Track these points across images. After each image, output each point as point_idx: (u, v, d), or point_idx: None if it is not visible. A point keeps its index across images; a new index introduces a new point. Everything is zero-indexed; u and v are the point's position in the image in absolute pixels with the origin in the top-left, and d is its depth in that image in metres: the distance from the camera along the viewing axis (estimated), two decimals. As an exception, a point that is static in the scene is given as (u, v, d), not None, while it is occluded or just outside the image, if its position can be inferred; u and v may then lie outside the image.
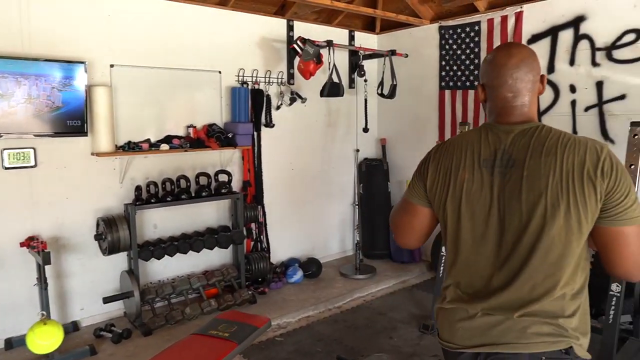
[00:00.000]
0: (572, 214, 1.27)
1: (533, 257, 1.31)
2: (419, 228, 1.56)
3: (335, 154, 5.15)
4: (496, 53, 1.47)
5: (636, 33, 3.62)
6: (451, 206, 1.43)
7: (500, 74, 1.42)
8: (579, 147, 1.29)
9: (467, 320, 1.39)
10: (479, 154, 1.41)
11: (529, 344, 1.30)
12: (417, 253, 5.12)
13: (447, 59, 4.77)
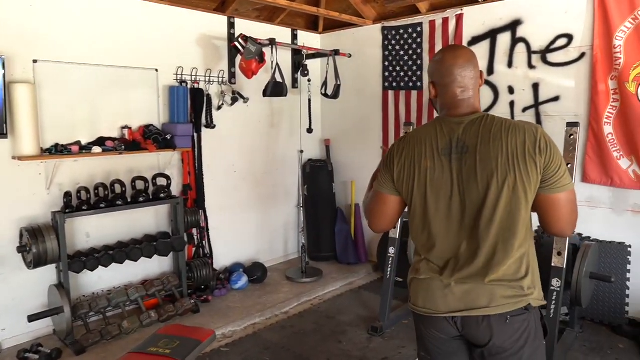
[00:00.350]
0: (519, 186, 1.51)
1: (492, 227, 1.55)
2: (390, 214, 1.73)
3: (279, 155, 5.03)
4: (444, 54, 1.69)
5: (567, 38, 3.76)
6: (418, 192, 1.63)
7: (450, 72, 1.63)
8: (519, 130, 1.54)
9: (443, 289, 1.61)
10: (437, 144, 1.61)
11: (498, 307, 1.55)
12: (363, 254, 5.09)
13: (390, 59, 4.77)
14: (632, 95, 3.49)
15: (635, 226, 3.60)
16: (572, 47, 3.74)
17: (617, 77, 3.54)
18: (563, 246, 3.03)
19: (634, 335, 3.45)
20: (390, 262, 3.72)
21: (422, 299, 1.66)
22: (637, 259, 3.58)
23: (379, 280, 4.71)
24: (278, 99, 4.72)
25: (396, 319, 3.78)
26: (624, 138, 3.58)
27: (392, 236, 3.74)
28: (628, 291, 3.59)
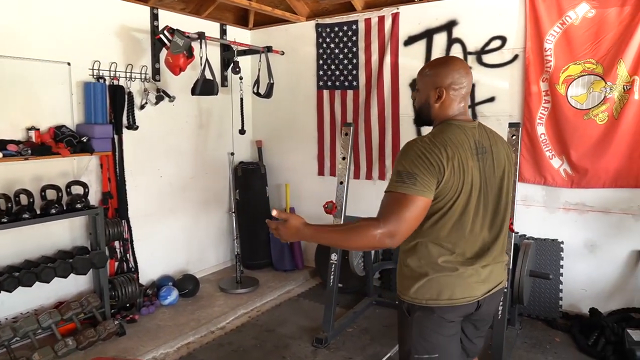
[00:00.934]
0: (511, 179, 1.88)
1: (505, 216, 1.85)
2: (422, 218, 1.69)
3: (208, 158, 4.68)
4: (452, 61, 1.86)
5: (501, 40, 3.80)
6: (464, 191, 1.71)
7: (462, 79, 1.81)
8: (501, 138, 1.93)
9: (478, 276, 1.77)
10: (469, 145, 1.76)
11: (503, 281, 1.90)
12: (299, 259, 4.89)
13: (324, 57, 4.60)
14: (562, 97, 3.59)
15: (567, 223, 3.71)
16: (506, 49, 3.78)
17: (548, 79, 3.63)
18: (509, 246, 3.02)
19: (568, 328, 3.55)
20: (333, 269, 3.54)
21: (460, 291, 1.75)
22: (568, 254, 3.70)
23: (318, 287, 4.53)
24: (207, 98, 4.39)
25: (340, 327, 3.61)
26: (555, 138, 3.67)
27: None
28: (561, 286, 3.69)
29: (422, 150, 1.67)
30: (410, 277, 1.79)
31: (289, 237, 1.78)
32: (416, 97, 1.92)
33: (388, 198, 1.66)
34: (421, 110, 1.90)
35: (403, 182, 1.63)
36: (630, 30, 3.34)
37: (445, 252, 1.75)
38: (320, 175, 4.81)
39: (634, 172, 3.44)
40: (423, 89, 1.86)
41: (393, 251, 4.34)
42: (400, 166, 1.66)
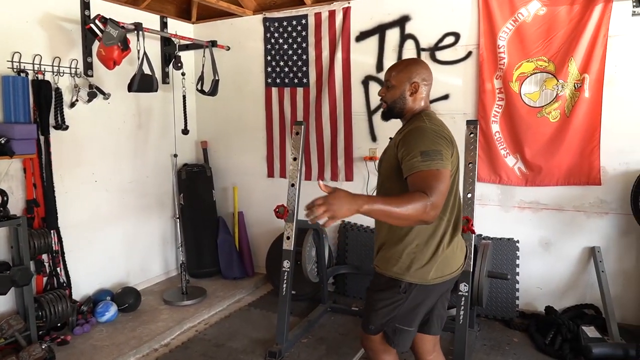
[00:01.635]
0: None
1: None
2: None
3: (149, 161, 4.32)
4: (420, 60, 2.17)
5: (455, 36, 3.71)
6: (456, 171, 1.99)
7: (430, 76, 2.09)
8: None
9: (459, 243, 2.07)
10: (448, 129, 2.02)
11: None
12: (249, 266, 4.62)
13: (272, 53, 4.36)
14: (516, 95, 3.54)
15: (522, 221, 3.67)
16: (460, 46, 3.70)
17: (501, 76, 3.57)
18: (469, 249, 2.91)
19: (525, 328, 3.51)
20: (285, 277, 3.30)
21: (456, 263, 2.05)
22: (524, 253, 3.66)
23: (269, 295, 4.28)
24: (146, 96, 4.05)
25: (295, 338, 3.39)
26: (510, 136, 3.62)
27: (286, 248, 3.34)
28: (518, 285, 3.65)
29: (435, 130, 1.89)
30: (419, 259, 1.96)
31: (343, 207, 1.57)
32: (386, 92, 2.08)
33: (421, 176, 1.75)
34: (395, 104, 2.06)
35: (432, 160, 1.77)
36: (580, 29, 3.33)
37: (446, 227, 1.98)
38: (270, 177, 4.57)
39: (585, 170, 3.44)
40: (397, 84, 2.04)
41: (347, 255, 4.17)
42: (424, 146, 1.80)
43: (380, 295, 2.05)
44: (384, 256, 2.04)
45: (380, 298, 2.06)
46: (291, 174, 3.38)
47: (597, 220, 3.47)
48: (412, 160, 1.78)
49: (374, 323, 2.09)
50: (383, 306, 2.04)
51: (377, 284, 2.10)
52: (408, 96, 2.02)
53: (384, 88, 2.10)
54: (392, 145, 2.00)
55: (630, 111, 3.31)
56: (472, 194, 2.95)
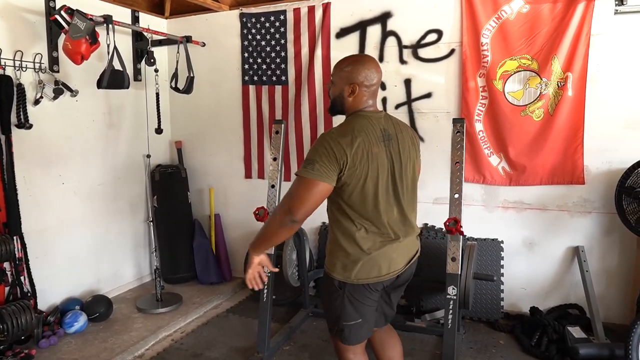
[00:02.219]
0: (415, 164, 2.11)
1: (410, 196, 2.08)
2: (320, 202, 1.89)
3: (120, 162, 4.09)
4: (366, 60, 2.03)
5: (437, 33, 3.62)
6: (371, 174, 1.91)
7: (373, 76, 1.99)
8: (406, 126, 2.15)
9: (399, 251, 2.03)
10: (375, 133, 1.94)
11: (418, 250, 2.17)
12: (226, 270, 4.44)
13: (250, 50, 4.20)
14: (500, 93, 3.48)
15: (506, 221, 3.61)
16: (442, 43, 3.61)
17: (485, 74, 3.50)
18: (457, 251, 2.82)
19: (510, 329, 3.44)
20: (267, 282, 3.16)
21: (387, 266, 2.00)
22: (508, 253, 3.60)
23: (248, 300, 4.11)
24: (117, 94, 3.83)
25: (277, 346, 3.24)
26: (493, 135, 3.56)
27: (266, 252, 3.18)
28: (502, 286, 3.59)
29: (329, 139, 1.88)
30: (342, 259, 1.99)
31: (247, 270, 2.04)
32: (331, 88, 2.07)
33: (295, 181, 1.88)
34: (335, 102, 2.06)
35: (305, 168, 1.86)
36: (563, 27, 3.28)
37: (364, 233, 1.96)
38: (248, 178, 4.40)
39: (569, 169, 3.40)
40: (339, 82, 2.01)
41: (329, 257, 4.04)
42: (308, 154, 1.89)
43: (324, 292, 2.15)
44: (326, 255, 2.12)
45: (324, 296, 2.16)
46: (271, 174, 3.23)
47: (580, 219, 3.43)
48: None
49: (328, 323, 2.16)
50: (328, 303, 2.12)
51: (323, 280, 2.18)
52: (347, 96, 1.99)
53: (330, 82, 2.09)
54: None
55: (612, 110, 3.28)
56: (459, 194, 2.85)
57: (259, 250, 2.00)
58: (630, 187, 3.05)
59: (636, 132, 3.24)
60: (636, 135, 3.25)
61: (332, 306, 2.06)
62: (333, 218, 2.01)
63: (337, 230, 1.99)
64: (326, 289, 2.10)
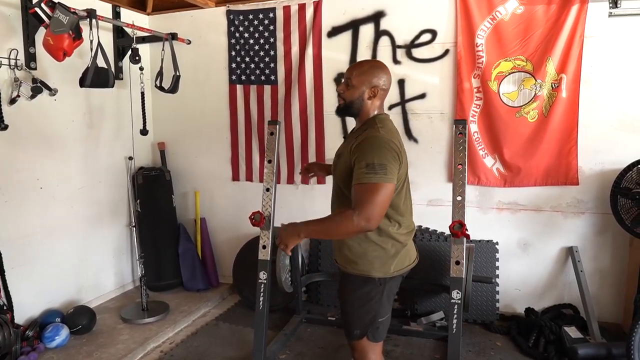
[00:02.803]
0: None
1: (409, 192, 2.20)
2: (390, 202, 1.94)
3: (101, 164, 3.86)
4: (384, 65, 2.12)
5: (432, 33, 3.56)
6: (404, 171, 2.03)
7: (390, 81, 2.11)
8: None
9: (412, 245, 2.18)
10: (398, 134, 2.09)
11: None
12: (214, 276, 4.27)
13: (237, 49, 4.04)
14: (495, 94, 3.44)
15: (500, 223, 3.58)
16: (437, 43, 3.55)
17: (480, 75, 3.46)
18: (461, 255, 2.76)
19: (506, 330, 3.41)
20: (262, 289, 3.01)
21: (411, 255, 2.16)
22: (503, 254, 3.58)
23: (237, 306, 3.96)
24: (98, 93, 3.63)
25: (272, 355, 3.10)
26: (488, 136, 3.52)
27: (262, 258, 3.04)
28: (498, 287, 3.56)
29: (386, 141, 1.91)
30: (380, 257, 2.03)
31: (289, 239, 1.96)
32: (345, 90, 2.06)
33: (359, 189, 1.85)
34: (352, 104, 2.06)
35: (375, 173, 1.83)
36: (557, 29, 3.27)
37: (399, 227, 2.05)
38: (235, 181, 4.24)
39: (563, 170, 3.40)
40: (358, 84, 2.02)
41: (320, 262, 3.93)
42: (370, 158, 1.85)
43: (355, 295, 2.08)
44: (350, 256, 2.07)
45: (355, 300, 2.09)
46: (266, 177, 3.10)
47: (574, 220, 3.44)
48: (359, 171, 1.86)
49: (358, 327, 2.10)
50: (361, 305, 2.07)
51: (349, 285, 2.11)
52: (366, 99, 2.03)
53: (343, 85, 2.09)
54: (347, 151, 2.00)
55: (606, 112, 3.29)
56: (462, 196, 2.80)
57: (307, 235, 1.99)
58: (625, 187, 3.06)
59: (629, 133, 3.27)
60: (629, 137, 3.27)
61: (368, 307, 2.06)
62: None
63: (379, 229, 1.99)
64: (359, 291, 2.06)
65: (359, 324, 2.08)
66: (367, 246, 2.02)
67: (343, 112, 2.12)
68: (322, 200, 3.99)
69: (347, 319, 2.12)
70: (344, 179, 1.99)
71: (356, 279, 2.06)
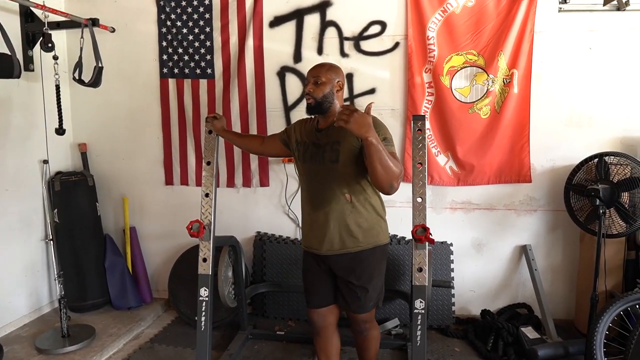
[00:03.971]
0: None
1: None
2: None
3: (8, 170, 3.28)
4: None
5: (381, 25, 3.34)
6: None
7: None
8: None
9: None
10: None
11: None
12: (146, 291, 3.79)
13: (169, 39, 3.61)
14: (447, 89, 3.28)
15: (454, 223, 3.43)
16: (386, 36, 3.34)
17: (431, 69, 3.28)
18: (424, 261, 2.53)
19: (463, 335, 3.26)
20: (204, 307, 2.63)
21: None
22: (457, 256, 3.43)
23: (174, 324, 3.53)
24: (2, 85, 3.07)
25: (218, 379, 2.75)
26: (441, 133, 3.36)
27: (202, 272, 2.66)
28: (453, 290, 3.40)
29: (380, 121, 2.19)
30: (383, 224, 2.32)
31: (361, 127, 1.84)
32: (315, 89, 2.20)
33: (395, 154, 2.09)
34: (325, 99, 2.20)
35: (392, 145, 2.15)
36: (508, 23, 3.16)
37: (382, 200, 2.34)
38: (169, 185, 3.79)
39: (516, 167, 3.30)
40: (328, 80, 2.21)
41: (265, 271, 3.59)
42: (387, 133, 2.17)
43: (373, 267, 2.26)
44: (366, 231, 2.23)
45: (374, 271, 2.27)
46: (205, 181, 2.73)
47: (527, 218, 3.35)
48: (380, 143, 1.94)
49: (374, 298, 2.30)
50: (376, 276, 2.28)
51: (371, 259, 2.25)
52: (335, 92, 2.22)
53: (311, 85, 2.22)
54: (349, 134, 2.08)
55: (555, 108, 3.24)
56: (423, 197, 2.56)
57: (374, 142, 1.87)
58: (579, 184, 2.99)
59: (577, 129, 3.22)
60: (577, 133, 3.23)
61: (381, 275, 2.34)
62: (362, 192, 2.21)
63: (371, 200, 2.24)
64: (378, 261, 2.28)
65: (375, 295, 2.31)
66: (375, 217, 2.26)
67: (315, 110, 2.24)
68: (266, 203, 3.67)
69: (369, 293, 2.26)
70: (351, 161, 2.15)
71: (375, 251, 2.25)
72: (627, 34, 3.10)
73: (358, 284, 2.25)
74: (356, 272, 2.24)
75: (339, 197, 2.19)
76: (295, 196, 3.56)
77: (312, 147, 2.27)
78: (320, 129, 2.28)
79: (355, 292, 2.27)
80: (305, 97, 2.25)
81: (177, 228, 3.65)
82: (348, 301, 2.30)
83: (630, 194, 2.77)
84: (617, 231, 2.86)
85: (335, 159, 2.19)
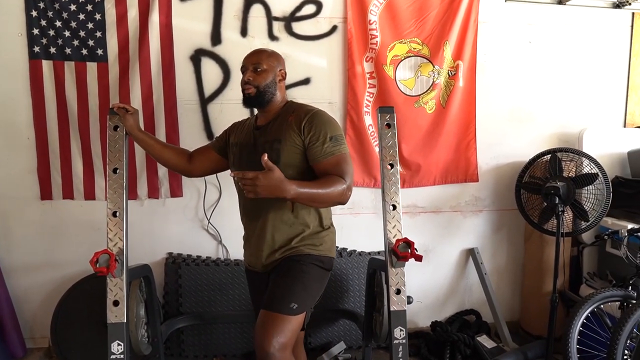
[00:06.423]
0: None
1: None
2: None
3: None
4: None
5: (316, 5, 2.84)
6: None
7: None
8: None
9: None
10: None
11: None
12: (16, 341, 2.77)
13: (42, 7, 2.66)
14: (391, 80, 2.89)
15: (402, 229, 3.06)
16: (322, 17, 2.84)
17: (373, 58, 2.86)
18: (402, 280, 2.11)
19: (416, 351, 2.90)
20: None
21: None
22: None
23: (63, 381, 2.64)
24: None
25: None
26: (385, 130, 2.97)
27: (115, 321, 1.90)
28: (405, 304, 3.03)
29: (329, 115, 1.90)
30: (330, 235, 1.99)
31: (268, 189, 1.58)
32: (255, 77, 1.91)
33: (334, 161, 1.79)
34: (267, 88, 1.92)
35: (341, 144, 1.82)
36: (453, 11, 2.88)
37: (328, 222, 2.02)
38: (46, 200, 2.83)
39: (462, 166, 3.03)
40: (270, 68, 1.93)
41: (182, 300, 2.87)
42: (331, 131, 1.81)
43: (314, 271, 1.88)
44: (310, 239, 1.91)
45: (314, 275, 1.87)
46: (111, 195, 2.01)
47: (473, 219, 3.11)
48: (324, 146, 1.79)
49: (297, 301, 1.76)
50: (312, 282, 1.86)
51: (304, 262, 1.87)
52: (278, 82, 1.96)
53: (251, 72, 1.92)
54: (288, 134, 1.83)
55: (498, 103, 3.04)
56: (397, 205, 2.12)
57: (298, 197, 1.66)
58: (530, 182, 2.81)
59: (519, 124, 3.08)
60: (519, 128, 3.08)
61: (315, 286, 1.88)
62: None
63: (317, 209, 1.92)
64: (317, 269, 1.89)
65: (301, 299, 1.79)
66: (316, 224, 1.93)
67: (254, 101, 1.93)
68: (179, 217, 2.94)
69: (290, 290, 1.79)
70: (292, 162, 1.83)
71: (314, 259, 1.89)
72: (565, 29, 3.01)
73: (282, 277, 1.84)
74: (288, 270, 1.86)
75: (279, 205, 1.86)
76: (217, 206, 2.90)
77: (249, 148, 1.94)
78: (259, 127, 1.96)
79: (277, 283, 1.83)
80: (244, 86, 1.92)
81: (59, 255, 2.80)
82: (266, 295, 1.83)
83: (585, 191, 2.64)
84: (571, 229, 2.73)
85: (275, 159, 1.78)
